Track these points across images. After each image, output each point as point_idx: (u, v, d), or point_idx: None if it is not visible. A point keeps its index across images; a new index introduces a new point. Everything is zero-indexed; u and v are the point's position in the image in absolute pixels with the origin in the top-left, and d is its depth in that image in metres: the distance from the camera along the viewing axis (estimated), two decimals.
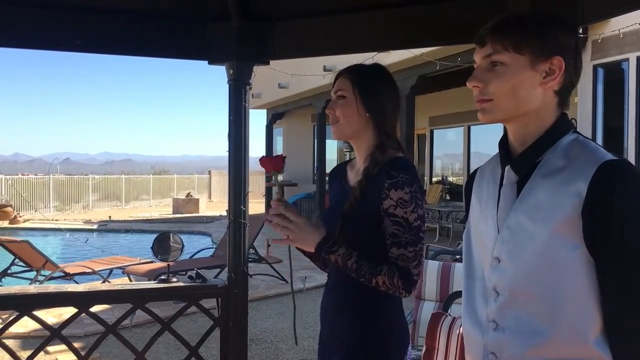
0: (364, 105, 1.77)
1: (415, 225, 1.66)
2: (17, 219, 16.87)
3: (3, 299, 2.90)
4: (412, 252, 1.65)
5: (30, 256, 7.14)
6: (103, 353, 4.82)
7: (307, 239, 1.71)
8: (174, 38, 3.20)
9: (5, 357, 4.64)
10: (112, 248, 9.17)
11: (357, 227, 1.71)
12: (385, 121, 1.80)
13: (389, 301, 1.72)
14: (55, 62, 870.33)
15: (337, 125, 1.81)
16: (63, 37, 2.91)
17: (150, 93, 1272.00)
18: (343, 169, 1.94)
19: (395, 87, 1.88)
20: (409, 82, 10.82)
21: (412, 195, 1.65)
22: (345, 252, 1.66)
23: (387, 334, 1.73)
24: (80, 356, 2.98)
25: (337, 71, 1.89)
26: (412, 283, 1.67)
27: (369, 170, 1.73)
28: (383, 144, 1.76)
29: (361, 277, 1.65)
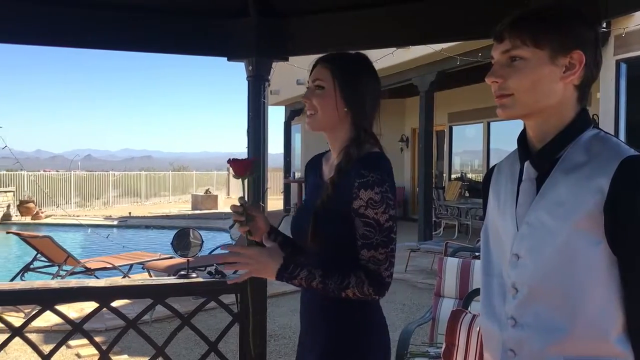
0: (343, 99, 1.68)
1: (386, 227, 1.59)
2: (39, 214, 17.11)
3: (26, 293, 2.94)
4: (384, 254, 1.59)
5: (52, 251, 7.24)
6: (123, 348, 4.87)
7: (265, 269, 1.64)
8: (193, 35, 3.21)
9: (27, 350, 4.72)
10: (132, 244, 9.26)
11: (329, 225, 1.64)
12: (364, 116, 1.71)
13: (363, 301, 1.65)
14: (74, 60, 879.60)
15: (313, 116, 1.71)
16: (89, 34, 2.94)
17: (169, 90, 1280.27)
18: (318, 162, 1.86)
19: (377, 79, 1.76)
20: (429, 78, 10.76)
21: (383, 195, 1.58)
22: (307, 275, 1.60)
23: (363, 334, 1.68)
24: (101, 350, 3.02)
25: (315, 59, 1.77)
26: (384, 286, 1.61)
27: (342, 167, 1.65)
28: (359, 139, 1.68)
29: (329, 294, 1.60)
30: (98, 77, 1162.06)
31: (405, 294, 7.52)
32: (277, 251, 1.68)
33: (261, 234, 1.78)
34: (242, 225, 1.72)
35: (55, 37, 2.90)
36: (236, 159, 1.75)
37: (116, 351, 3.38)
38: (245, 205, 1.73)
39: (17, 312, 5.60)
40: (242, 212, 1.72)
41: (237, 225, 1.74)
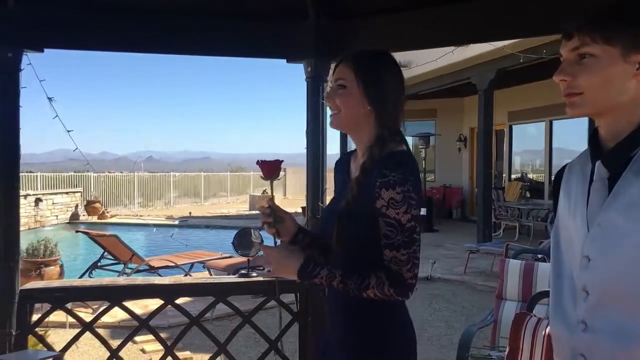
0: (366, 97, 1.65)
1: (408, 227, 1.56)
2: (105, 214, 17.78)
3: (96, 289, 3.07)
4: (405, 254, 1.56)
5: (118, 250, 7.51)
6: (186, 344, 4.99)
7: (287, 268, 1.66)
8: (253, 37, 3.27)
9: (95, 345, 4.91)
10: (192, 243, 9.50)
11: (353, 226, 1.63)
12: (387, 113, 1.67)
13: (388, 303, 1.63)
14: (134, 65, 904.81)
15: (337, 115, 1.70)
16: (158, 40, 3.04)
17: (226, 91, 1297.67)
18: (347, 160, 1.84)
19: (400, 76, 1.72)
20: (488, 76, 10.55)
21: (405, 195, 1.54)
22: (328, 274, 1.60)
23: (388, 333, 1.66)
24: (166, 346, 3.12)
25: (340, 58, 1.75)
26: (407, 287, 1.58)
27: (366, 166, 1.64)
28: (383, 138, 1.65)
29: (350, 294, 1.60)
30: (157, 82, 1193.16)
31: (464, 296, 7.40)
32: (299, 251, 1.70)
33: (289, 234, 1.80)
34: (271, 226, 1.75)
35: (126, 44, 3.01)
36: (265, 161, 1.77)
37: (179, 347, 3.48)
38: (273, 207, 1.75)
39: (85, 308, 5.83)
40: (270, 213, 1.74)
41: (266, 226, 1.76)
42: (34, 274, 6.62)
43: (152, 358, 4.89)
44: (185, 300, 5.72)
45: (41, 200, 15.85)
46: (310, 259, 1.64)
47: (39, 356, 2.92)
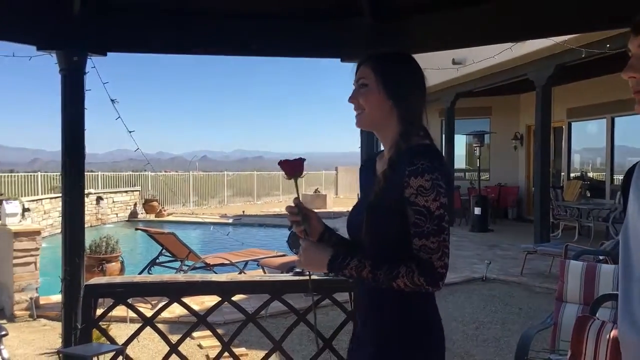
0: (386, 93, 1.70)
1: (437, 215, 1.56)
2: (162, 212, 18.24)
3: (157, 286, 3.16)
4: (435, 242, 1.56)
5: (176, 247, 7.69)
6: (241, 341, 5.07)
7: (317, 261, 1.69)
8: (307, 37, 3.29)
9: (155, 339, 5.05)
10: (246, 241, 9.64)
11: (382, 219, 1.64)
12: (409, 109, 1.71)
13: (419, 298, 1.63)
14: (190, 66, 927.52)
15: (361, 114, 1.74)
16: (213, 41, 3.10)
17: (279, 91, 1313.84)
18: (372, 162, 1.86)
19: (420, 73, 1.76)
20: (546, 72, 10.25)
21: (434, 183, 1.56)
22: (357, 264, 1.62)
23: (418, 330, 1.66)
24: (223, 342, 3.18)
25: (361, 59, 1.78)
26: (437, 276, 1.57)
27: (393, 159, 1.66)
28: (407, 132, 1.68)
29: (381, 285, 1.60)
30: (211, 83, 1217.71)
31: (521, 298, 7.22)
32: (327, 245, 1.74)
33: (316, 233, 1.81)
34: (298, 226, 1.76)
35: (185, 46, 3.08)
36: (287, 160, 1.78)
37: (235, 344, 3.54)
38: (300, 206, 1.76)
39: (144, 304, 6.01)
40: (297, 213, 1.76)
41: (294, 225, 1.78)
42: (96, 270, 6.87)
43: (208, 353, 4.99)
44: (240, 298, 5.81)
45: (102, 198, 16.40)
46: (340, 251, 1.68)
47: (103, 349, 3.04)
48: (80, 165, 3.08)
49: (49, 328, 5.98)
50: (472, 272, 8.56)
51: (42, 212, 13.42)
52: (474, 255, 10.10)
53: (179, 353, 3.13)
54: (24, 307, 6.39)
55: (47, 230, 12.12)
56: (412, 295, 1.61)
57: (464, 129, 15.25)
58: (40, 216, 12.90)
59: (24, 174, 18.39)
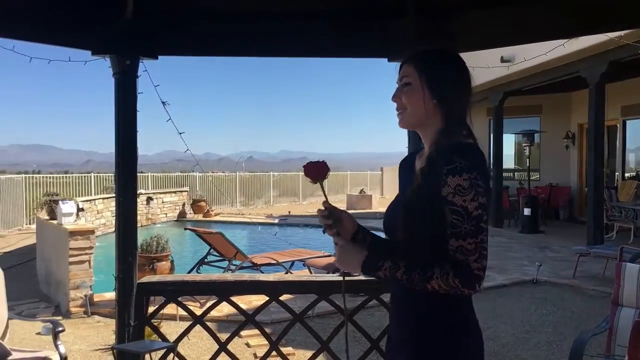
0: (430, 92, 1.67)
1: (475, 215, 1.53)
2: (209, 212, 18.53)
3: (207, 285, 3.22)
4: (472, 244, 1.52)
5: (223, 247, 7.81)
6: (288, 340, 5.11)
7: (351, 261, 1.69)
8: (353, 38, 3.28)
9: (204, 337, 5.14)
10: (292, 241, 9.70)
11: (419, 216, 1.61)
12: (453, 106, 1.69)
13: (455, 299, 1.59)
14: (234, 68, 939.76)
15: (403, 113, 1.73)
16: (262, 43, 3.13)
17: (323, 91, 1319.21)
18: (412, 159, 1.85)
19: (465, 70, 1.73)
20: (599, 69, 9.94)
21: (472, 182, 1.52)
22: (392, 265, 1.60)
23: (453, 333, 1.62)
24: (271, 341, 3.20)
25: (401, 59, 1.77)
26: (473, 278, 1.53)
27: (431, 156, 1.64)
28: (449, 130, 1.66)
29: (415, 286, 1.58)
30: (256, 85, 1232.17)
31: (574, 301, 7.03)
32: (361, 245, 1.73)
33: (349, 234, 1.79)
34: (330, 228, 1.75)
35: (234, 49, 3.12)
36: (310, 163, 1.77)
37: (282, 343, 3.57)
38: (331, 208, 1.76)
39: (193, 302, 6.12)
40: (328, 215, 1.75)
41: (327, 229, 1.76)
42: (147, 268, 7.04)
43: (256, 352, 5.04)
44: (287, 297, 5.86)
45: (152, 199, 16.79)
46: (373, 252, 1.67)
47: (155, 346, 3.11)
48: (133, 166, 3.16)
49: (103, 325, 6.17)
50: (522, 275, 8.37)
51: (95, 212, 13.83)
52: (524, 257, 9.89)
53: (228, 351, 3.17)
54: (78, 304, 6.61)
55: (100, 230, 12.48)
56: (448, 296, 1.58)
57: (512, 128, 14.94)
58: (93, 216, 13.30)
59: (78, 175, 18.99)
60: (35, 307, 6.93)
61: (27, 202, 15.83)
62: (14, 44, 3.13)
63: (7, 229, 14.87)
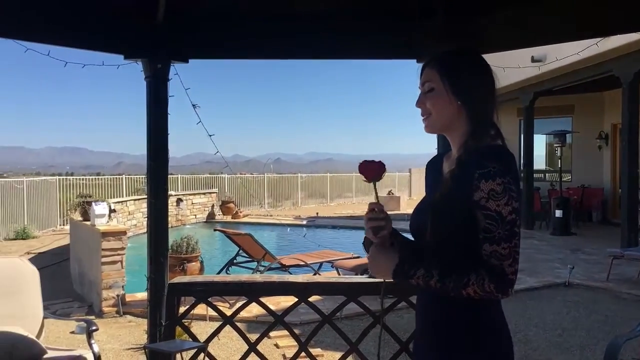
0: (455, 95, 1.65)
1: (509, 220, 1.52)
2: (238, 214, 18.68)
3: (236, 285, 3.24)
4: (507, 248, 1.52)
5: (252, 248, 7.86)
6: (317, 341, 5.12)
7: (382, 268, 1.68)
8: (380, 39, 3.28)
9: (233, 338, 5.18)
10: (321, 242, 9.71)
11: (447, 219, 1.59)
12: (479, 108, 1.66)
13: (484, 302, 1.58)
14: (266, 70, 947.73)
15: (428, 119, 1.71)
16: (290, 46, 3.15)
17: (349, 93, 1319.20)
18: (439, 161, 1.83)
19: (488, 70, 1.70)
20: (632, 68, 9.75)
21: (505, 187, 1.51)
22: (425, 273, 1.58)
23: (481, 337, 1.61)
24: (300, 342, 3.21)
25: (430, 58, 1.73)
26: (507, 283, 1.52)
27: (461, 160, 1.62)
28: (477, 132, 1.64)
29: (449, 293, 1.56)
30: (283, 86, 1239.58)
31: (607, 305, 6.89)
32: (393, 251, 1.69)
33: (388, 235, 1.76)
34: (382, 230, 1.71)
35: (264, 52, 3.14)
36: (368, 162, 1.75)
37: (310, 344, 3.57)
38: (383, 210, 1.73)
39: (222, 303, 6.17)
40: (384, 217, 1.72)
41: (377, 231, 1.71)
42: (177, 269, 7.12)
43: (285, 353, 5.06)
44: (315, 299, 5.87)
45: (182, 200, 16.99)
46: (405, 259, 1.65)
47: (186, 346, 3.14)
48: (164, 168, 3.21)
49: (134, 324, 6.26)
50: (554, 277, 8.24)
51: (127, 213, 14.05)
52: (556, 259, 9.73)
53: (258, 352, 3.19)
54: (111, 304, 6.72)
55: (132, 231, 12.68)
56: (476, 300, 1.56)
57: (543, 129, 14.72)
58: (125, 217, 13.52)
59: (109, 177, 19.34)
60: (69, 306, 7.08)
61: (61, 204, 16.19)
62: (49, 49, 3.20)
63: (42, 229, 15.22)
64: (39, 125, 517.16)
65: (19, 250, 11.84)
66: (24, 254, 11.13)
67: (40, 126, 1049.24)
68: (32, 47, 3.20)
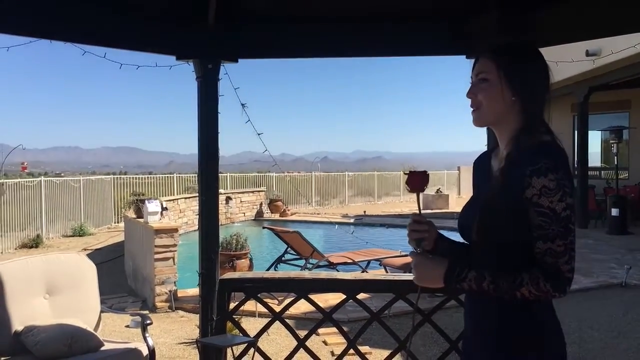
0: (510, 88, 1.61)
1: (563, 216, 1.48)
2: (286, 212, 18.83)
3: (285, 282, 3.28)
4: (562, 245, 1.48)
5: (300, 245, 7.91)
6: (364, 339, 5.11)
7: (431, 276, 1.64)
8: (429, 35, 3.25)
9: (282, 334, 5.24)
10: (369, 241, 9.68)
11: (498, 218, 1.55)
12: (532, 102, 1.62)
13: (532, 303, 1.54)
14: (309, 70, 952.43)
15: (479, 110, 1.66)
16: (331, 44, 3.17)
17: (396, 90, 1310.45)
18: (486, 159, 1.78)
19: (545, 65, 1.66)
20: None
21: (559, 183, 1.47)
22: (476, 276, 1.55)
23: (532, 336, 1.57)
24: (348, 339, 3.23)
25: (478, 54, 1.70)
26: (564, 281, 1.48)
27: (512, 156, 1.58)
28: (529, 127, 1.60)
29: (503, 295, 1.52)
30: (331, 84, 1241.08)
31: None
32: (441, 257, 1.67)
33: (433, 240, 1.76)
34: (423, 241, 1.71)
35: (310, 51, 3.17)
36: (415, 172, 1.75)
37: (358, 342, 3.58)
38: (425, 220, 1.73)
39: (271, 299, 6.24)
40: (427, 229, 1.72)
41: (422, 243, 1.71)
42: (227, 266, 7.25)
43: (333, 350, 5.09)
44: (363, 296, 5.87)
45: (231, 198, 17.24)
46: (456, 263, 1.61)
47: (237, 340, 3.21)
48: (214, 166, 3.27)
49: (186, 319, 6.41)
50: (610, 277, 7.98)
51: (178, 211, 14.36)
52: (612, 259, 9.42)
53: (306, 348, 3.22)
54: (163, 299, 6.90)
55: (183, 228, 12.95)
56: (527, 300, 1.53)
57: (599, 125, 14.27)
58: (176, 215, 13.82)
59: (161, 176, 19.81)
60: (124, 301, 7.30)
61: (115, 202, 16.69)
62: (105, 51, 3.31)
63: (97, 227, 15.73)
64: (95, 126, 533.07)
65: (76, 247, 12.28)
66: (81, 250, 11.53)
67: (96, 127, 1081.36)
68: (89, 50, 3.32)
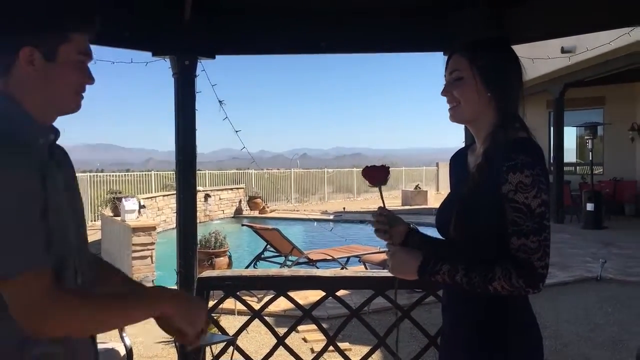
0: (484, 85, 1.61)
1: (538, 212, 1.48)
2: (265, 209, 18.79)
3: (265, 280, 3.26)
4: (536, 242, 1.48)
5: (280, 243, 7.90)
6: (344, 336, 5.10)
7: (406, 266, 1.66)
8: (412, 31, 3.25)
9: (262, 332, 5.22)
10: (348, 237, 9.71)
11: (474, 214, 1.56)
12: (507, 99, 1.63)
13: (508, 299, 1.56)
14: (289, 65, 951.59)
15: (456, 108, 1.67)
16: (310, 40, 3.15)
17: (376, 88, 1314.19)
18: (463, 155, 1.79)
19: (517, 60, 1.67)
20: None
21: (534, 179, 1.48)
22: (450, 269, 1.55)
23: (509, 333, 1.58)
24: (328, 336, 3.22)
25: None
26: (537, 277, 1.48)
27: (489, 152, 1.59)
28: (505, 124, 1.61)
29: (476, 289, 1.53)
30: (309, 81, 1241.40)
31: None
32: (415, 250, 1.68)
33: (401, 235, 1.78)
34: (386, 234, 1.75)
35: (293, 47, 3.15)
36: (370, 167, 1.76)
37: (338, 338, 3.59)
38: (388, 214, 1.75)
39: (251, 297, 6.21)
40: (386, 222, 1.75)
41: (383, 234, 1.75)
42: (206, 263, 7.21)
43: (313, 347, 5.09)
44: (343, 293, 5.86)
45: (210, 195, 17.15)
46: (430, 256, 1.63)
47: (216, 339, 3.15)
48: (192, 164, 3.24)
49: None
50: (586, 272, 8.11)
51: (156, 208, 14.24)
52: (587, 253, 9.57)
53: (286, 345, 3.21)
54: None
55: (161, 226, 12.84)
56: (503, 296, 1.54)
57: (574, 121, 14.47)
58: (154, 213, 13.70)
59: (139, 173, 19.61)
60: None
61: (92, 200, 16.47)
62: None
63: None
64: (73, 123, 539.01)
65: None
66: None
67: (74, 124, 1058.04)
68: None
